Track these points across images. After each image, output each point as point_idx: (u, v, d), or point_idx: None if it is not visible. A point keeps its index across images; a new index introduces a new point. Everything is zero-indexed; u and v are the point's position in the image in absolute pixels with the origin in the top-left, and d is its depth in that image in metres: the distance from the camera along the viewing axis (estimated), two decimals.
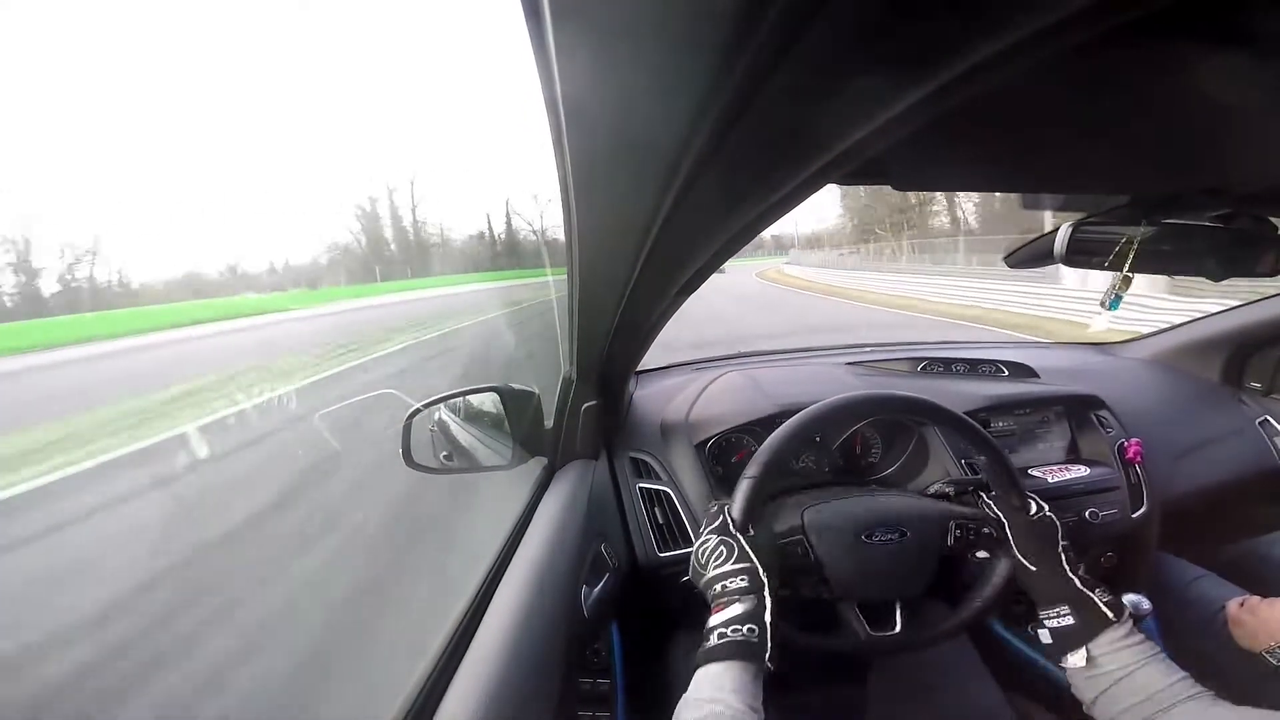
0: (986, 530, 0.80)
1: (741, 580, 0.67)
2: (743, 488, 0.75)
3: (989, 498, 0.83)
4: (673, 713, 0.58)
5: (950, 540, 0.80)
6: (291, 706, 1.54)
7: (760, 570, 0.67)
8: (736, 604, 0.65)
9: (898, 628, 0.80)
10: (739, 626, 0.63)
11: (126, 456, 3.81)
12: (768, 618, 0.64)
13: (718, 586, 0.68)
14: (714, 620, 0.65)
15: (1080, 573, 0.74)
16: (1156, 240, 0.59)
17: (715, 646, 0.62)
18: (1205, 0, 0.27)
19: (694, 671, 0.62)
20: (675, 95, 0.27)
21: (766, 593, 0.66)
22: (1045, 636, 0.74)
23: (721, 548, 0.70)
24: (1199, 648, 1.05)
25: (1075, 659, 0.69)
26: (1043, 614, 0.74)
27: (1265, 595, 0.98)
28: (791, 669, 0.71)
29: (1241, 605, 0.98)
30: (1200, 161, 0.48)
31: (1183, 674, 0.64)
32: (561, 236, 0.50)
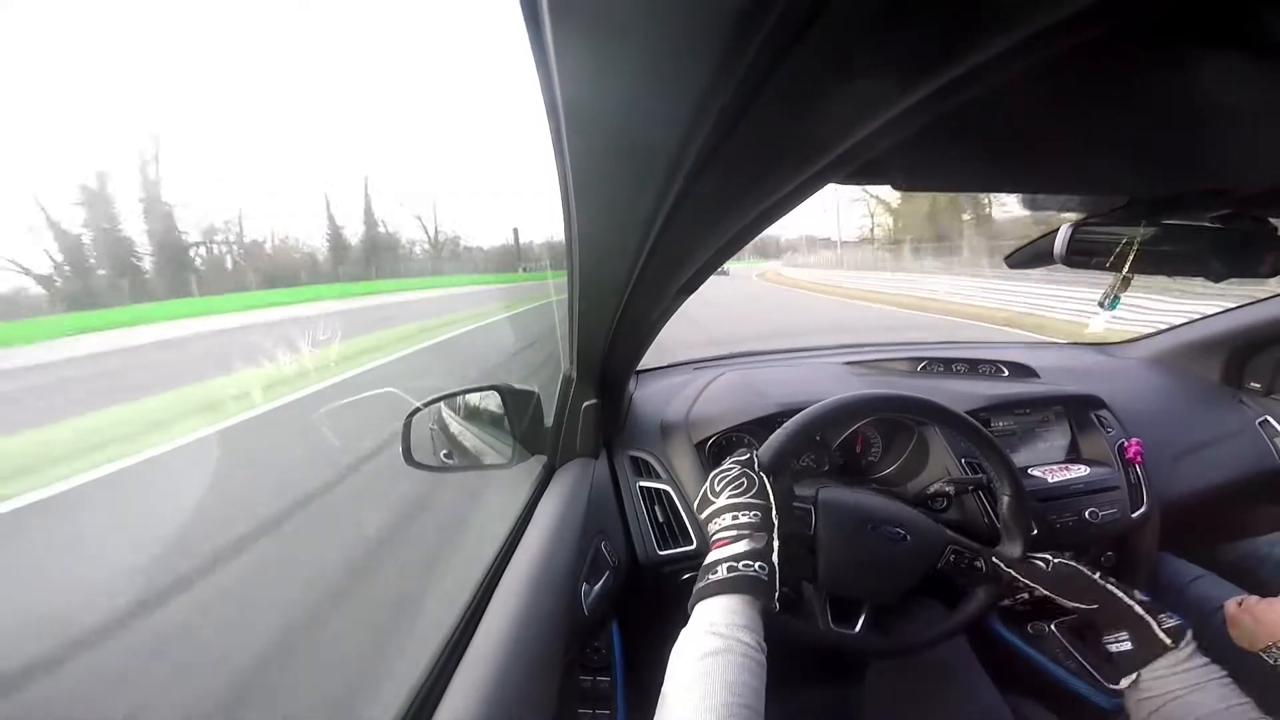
0: (979, 564, 0.80)
1: (753, 515, 0.65)
2: (782, 433, 0.74)
3: (1001, 561, 0.81)
4: None
5: (942, 563, 0.80)
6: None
7: (774, 511, 0.65)
8: (745, 540, 0.63)
9: (858, 628, 0.80)
10: (750, 562, 0.60)
11: None
12: (775, 559, 0.62)
13: (727, 517, 0.66)
14: (720, 554, 0.62)
15: (1138, 596, 0.72)
16: (1156, 241, 0.59)
17: (724, 579, 0.59)
18: (1205, 1, 0.27)
19: (692, 606, 0.60)
20: (675, 95, 0.27)
21: (776, 535, 0.64)
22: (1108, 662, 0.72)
23: (743, 479, 0.68)
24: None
25: (1126, 681, 0.68)
26: (1106, 639, 0.72)
27: (1264, 595, 0.98)
28: (791, 669, 0.71)
29: (1240, 605, 0.98)
30: (1200, 162, 0.48)
31: (1244, 699, 0.61)
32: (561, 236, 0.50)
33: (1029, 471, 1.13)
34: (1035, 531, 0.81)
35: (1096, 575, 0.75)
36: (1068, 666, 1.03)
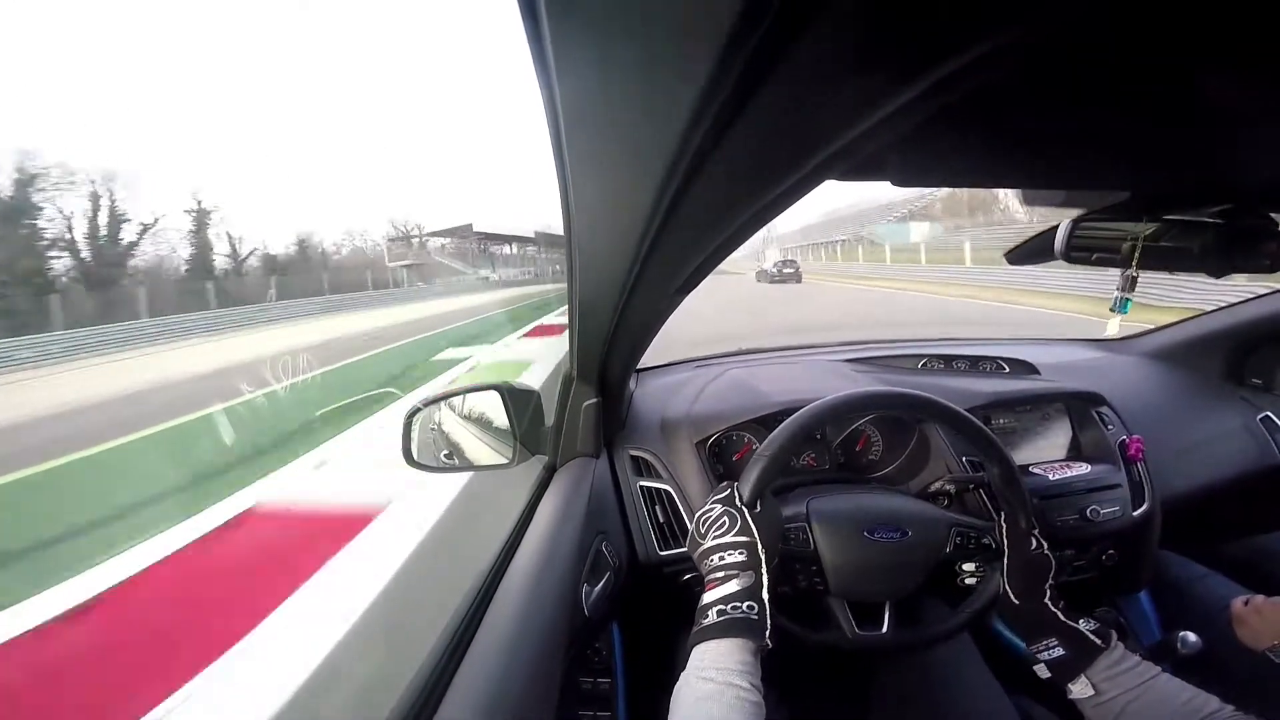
0: (986, 541, 0.80)
1: (740, 554, 0.66)
2: (756, 464, 0.75)
3: (1004, 520, 0.82)
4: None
5: (950, 547, 0.80)
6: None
7: (760, 546, 0.66)
8: (734, 580, 0.64)
9: (885, 628, 0.80)
10: (738, 604, 0.62)
11: None
12: (765, 595, 0.63)
13: (715, 558, 0.67)
14: (711, 596, 0.64)
15: (1062, 606, 0.75)
16: (1157, 236, 0.59)
17: (715, 624, 0.61)
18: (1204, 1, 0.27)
19: (690, 649, 0.61)
20: (673, 93, 0.27)
21: (764, 570, 0.65)
22: (1043, 671, 0.74)
23: (725, 519, 0.69)
24: (1203, 646, 1.05)
25: (1080, 688, 0.69)
26: (1033, 648, 0.74)
27: (1270, 594, 0.98)
28: (795, 666, 0.71)
29: (1246, 604, 0.98)
30: (1200, 157, 0.48)
31: (1194, 689, 0.63)
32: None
33: (1030, 469, 1.13)
34: (1036, 529, 0.81)
35: (1050, 581, 0.77)
36: None
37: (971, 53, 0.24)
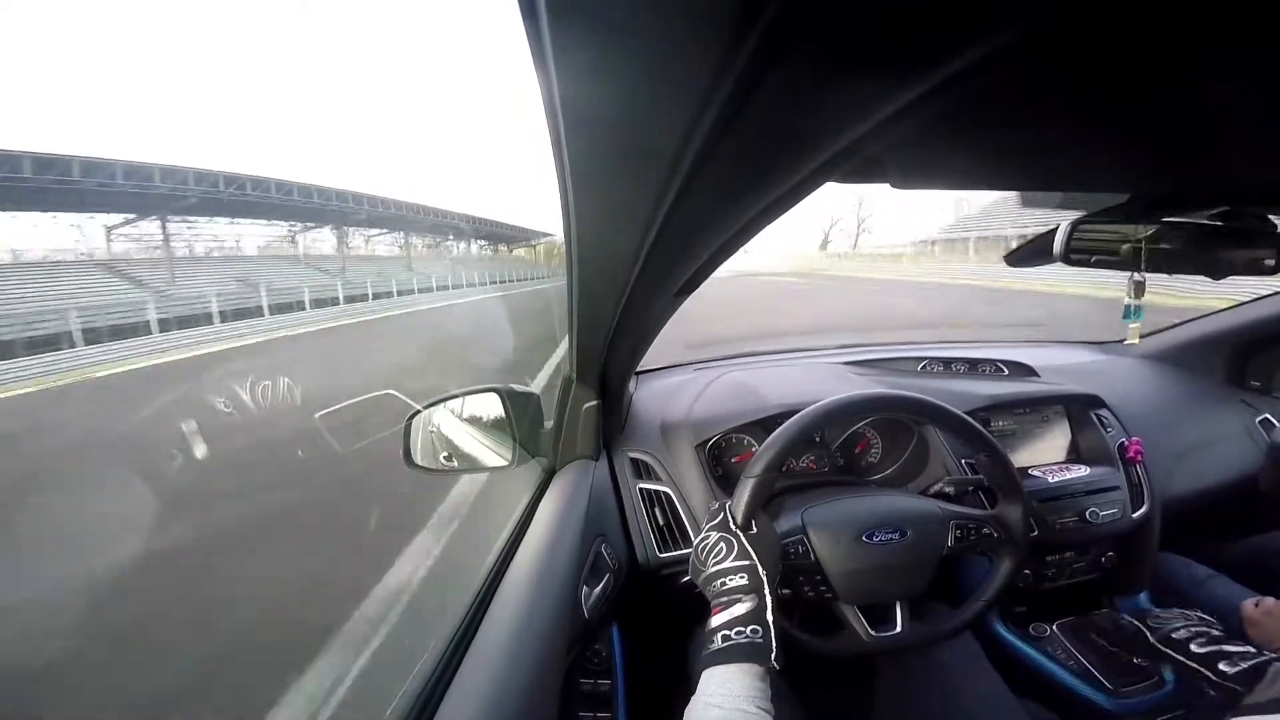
0: (987, 531, 0.80)
1: (741, 578, 0.66)
2: (745, 486, 0.75)
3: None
4: (673, 713, 0.58)
5: (951, 540, 0.80)
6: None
7: (760, 569, 0.67)
8: (738, 604, 0.64)
9: (899, 628, 0.80)
10: (742, 628, 0.62)
11: None
12: (770, 617, 0.63)
13: (717, 584, 0.67)
14: (716, 621, 0.64)
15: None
16: (1156, 239, 0.59)
17: (721, 650, 0.61)
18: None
19: (699, 674, 0.61)
20: (673, 94, 0.27)
21: (767, 592, 0.65)
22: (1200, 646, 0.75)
23: (721, 545, 0.70)
24: None
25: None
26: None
27: (1275, 595, 0.98)
28: (801, 669, 0.71)
29: (1257, 606, 0.98)
30: (1200, 159, 0.48)
31: None
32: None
33: (1029, 471, 1.13)
34: (1036, 532, 0.81)
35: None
36: (1069, 668, 1.03)
37: (970, 55, 0.24)
